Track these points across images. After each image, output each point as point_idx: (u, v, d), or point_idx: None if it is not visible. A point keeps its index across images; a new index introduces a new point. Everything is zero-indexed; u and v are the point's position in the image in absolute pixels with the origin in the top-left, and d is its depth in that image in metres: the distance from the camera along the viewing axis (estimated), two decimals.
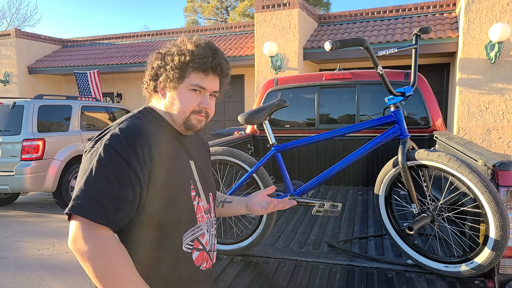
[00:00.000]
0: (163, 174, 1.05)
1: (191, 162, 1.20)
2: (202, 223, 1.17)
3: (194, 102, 1.13)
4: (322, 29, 9.98)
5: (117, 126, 1.04)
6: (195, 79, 1.11)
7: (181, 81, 1.11)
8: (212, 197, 1.28)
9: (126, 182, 0.98)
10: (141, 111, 1.15)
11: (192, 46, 1.11)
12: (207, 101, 1.14)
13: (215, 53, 1.12)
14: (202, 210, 1.18)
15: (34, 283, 3.50)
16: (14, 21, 24.53)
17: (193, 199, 1.15)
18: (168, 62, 1.11)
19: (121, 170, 0.97)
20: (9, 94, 11.67)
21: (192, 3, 23.93)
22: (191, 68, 1.10)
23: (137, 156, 0.99)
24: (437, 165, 1.81)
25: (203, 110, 1.15)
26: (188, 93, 1.12)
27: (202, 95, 1.14)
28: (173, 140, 1.15)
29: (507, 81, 7.05)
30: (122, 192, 0.97)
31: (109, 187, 0.96)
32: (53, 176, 5.80)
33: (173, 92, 1.13)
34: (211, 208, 1.25)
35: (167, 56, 1.12)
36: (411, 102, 3.46)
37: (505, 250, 1.66)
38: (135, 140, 1.01)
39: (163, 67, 1.12)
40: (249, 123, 2.29)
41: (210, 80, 1.13)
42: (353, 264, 2.03)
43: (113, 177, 0.97)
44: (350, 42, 1.87)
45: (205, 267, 1.19)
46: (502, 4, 6.98)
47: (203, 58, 1.10)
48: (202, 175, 1.23)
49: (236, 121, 10.25)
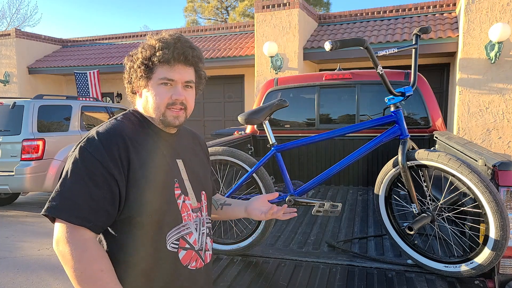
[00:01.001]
0: (142, 173, 1.06)
1: (179, 161, 1.20)
2: (189, 222, 1.16)
3: (166, 95, 1.12)
4: (322, 29, 9.98)
5: (95, 129, 1.07)
6: (162, 72, 1.11)
7: (150, 77, 1.12)
8: (205, 195, 1.26)
9: (101, 182, 0.99)
10: (125, 113, 1.18)
11: (154, 41, 1.12)
12: (179, 92, 1.13)
13: (177, 43, 1.12)
14: (189, 209, 1.17)
15: (34, 283, 3.49)
16: (14, 21, 24.55)
17: (177, 197, 1.14)
18: (135, 61, 1.13)
19: (95, 171, 0.99)
20: (9, 94, 11.67)
21: (192, 3, 23.93)
22: (156, 63, 1.11)
23: (112, 157, 1.01)
24: (437, 165, 1.81)
25: (177, 102, 1.13)
26: (159, 87, 1.12)
27: (174, 87, 1.13)
28: (157, 139, 1.16)
29: (507, 81, 7.05)
30: (97, 192, 0.99)
31: (83, 187, 0.98)
32: (53, 176, 5.80)
33: (145, 90, 1.14)
34: (203, 207, 1.24)
35: (133, 56, 1.14)
36: (411, 102, 3.46)
37: (505, 250, 1.66)
38: (110, 141, 1.03)
39: (132, 68, 1.14)
40: (249, 123, 2.29)
41: (178, 71, 1.13)
42: (353, 264, 2.03)
43: (88, 178, 0.99)
44: (350, 42, 1.87)
45: (195, 266, 1.17)
46: (502, 4, 6.98)
47: (163, 49, 1.10)
48: (192, 174, 1.22)
49: (236, 121, 10.25)
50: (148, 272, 1.08)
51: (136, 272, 1.07)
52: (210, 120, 11.41)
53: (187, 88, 1.16)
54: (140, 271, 1.07)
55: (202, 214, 1.23)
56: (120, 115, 1.16)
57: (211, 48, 10.44)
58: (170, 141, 1.20)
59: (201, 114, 11.51)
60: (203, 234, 1.22)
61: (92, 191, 0.99)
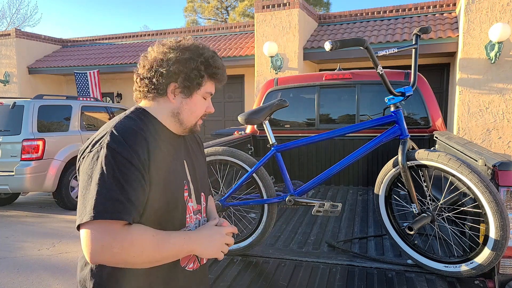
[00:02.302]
0: (161, 175, 1.06)
1: (184, 162, 1.20)
2: (190, 224, 1.17)
3: (204, 107, 1.19)
4: (322, 29, 9.98)
5: (113, 128, 1.02)
6: (210, 87, 1.18)
7: (199, 88, 1.15)
8: (204, 197, 1.27)
9: (135, 184, 0.97)
10: (134, 111, 1.13)
11: (209, 53, 1.15)
12: (212, 105, 1.22)
13: (224, 65, 1.20)
14: (191, 211, 1.18)
15: (34, 283, 3.49)
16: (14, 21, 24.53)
17: (185, 200, 1.14)
18: (192, 69, 1.10)
19: (128, 172, 0.97)
20: (9, 94, 11.67)
21: (192, 3, 23.93)
22: (208, 77, 1.15)
23: (139, 157, 0.99)
24: (437, 165, 1.81)
25: (207, 113, 1.21)
26: (201, 100, 1.17)
27: (208, 100, 1.20)
28: (166, 141, 1.15)
29: (507, 81, 7.05)
30: (133, 193, 0.97)
31: (122, 189, 0.95)
32: (53, 176, 5.80)
33: (189, 98, 1.14)
34: (202, 209, 1.25)
35: (189, 62, 1.10)
36: (411, 102, 3.46)
37: (505, 250, 1.66)
38: (135, 140, 1.01)
39: (184, 73, 1.10)
40: (249, 123, 2.29)
41: (215, 87, 1.21)
42: (353, 264, 2.03)
43: (124, 180, 0.96)
44: (350, 42, 1.87)
45: (192, 267, 1.18)
46: (502, 4, 6.98)
47: (220, 69, 1.16)
48: (194, 175, 1.23)
49: (236, 121, 10.25)
50: (148, 273, 1.08)
51: (136, 272, 1.07)
52: (210, 120, 11.41)
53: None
54: (140, 272, 1.07)
55: (201, 216, 1.24)
56: (130, 113, 1.12)
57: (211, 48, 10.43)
58: (176, 142, 1.20)
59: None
60: None
61: (129, 192, 0.96)
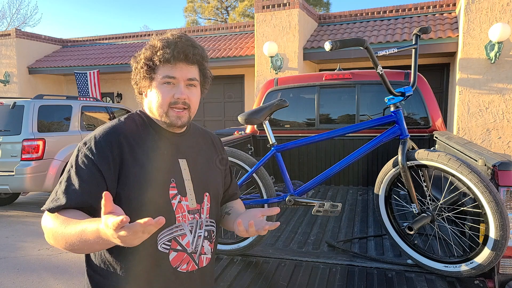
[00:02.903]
0: (134, 172, 1.08)
1: (182, 160, 1.18)
2: (183, 223, 1.14)
3: (168, 94, 1.12)
4: (322, 29, 9.98)
5: (96, 130, 1.13)
6: (163, 71, 1.12)
7: (152, 77, 1.14)
8: (208, 197, 1.23)
9: (88, 177, 1.05)
10: (130, 113, 1.21)
11: (156, 41, 1.14)
12: (181, 90, 1.12)
13: (178, 42, 1.12)
14: (185, 210, 1.15)
15: (34, 283, 3.50)
16: (14, 21, 24.57)
17: (171, 197, 1.12)
18: (138, 62, 1.15)
19: (84, 166, 1.06)
20: (9, 94, 11.68)
21: (192, 3, 23.93)
22: (158, 62, 1.12)
23: (103, 154, 1.06)
24: (437, 165, 1.81)
25: (179, 101, 1.12)
26: (161, 87, 1.13)
27: (176, 86, 1.13)
28: (158, 139, 1.16)
29: (507, 81, 7.05)
30: (83, 185, 1.04)
31: (71, 183, 1.05)
32: (53, 176, 5.80)
33: (149, 90, 1.16)
34: (203, 209, 1.20)
35: (137, 56, 1.17)
36: (411, 102, 3.46)
37: (505, 250, 1.66)
38: (104, 140, 1.08)
39: (136, 69, 1.16)
40: (249, 123, 2.29)
41: (180, 69, 1.12)
42: (353, 264, 2.03)
43: (75, 173, 1.06)
44: (350, 42, 1.87)
45: (185, 269, 1.15)
46: (502, 4, 6.98)
47: (165, 48, 1.11)
48: (196, 174, 1.20)
49: (236, 121, 10.25)
50: (135, 270, 1.08)
51: (123, 269, 1.07)
52: (210, 120, 11.42)
53: (190, 87, 1.15)
54: (127, 269, 1.08)
55: (201, 216, 1.19)
56: (125, 115, 1.19)
57: (211, 48, 10.44)
58: (173, 140, 1.19)
59: (201, 114, 11.51)
60: (199, 237, 1.18)
61: (77, 184, 1.04)
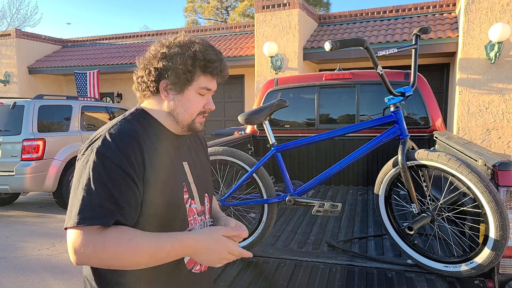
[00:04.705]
0: (156, 178, 1.05)
1: (185, 163, 1.18)
2: (194, 226, 1.15)
3: (201, 104, 1.14)
4: (322, 29, 9.98)
5: (107, 132, 1.03)
6: (204, 82, 1.12)
7: (190, 83, 1.10)
8: (207, 198, 1.25)
9: (124, 188, 0.97)
10: (133, 113, 1.13)
11: (200, 47, 1.09)
12: (212, 102, 1.17)
13: (221, 58, 1.14)
14: (195, 213, 1.16)
15: (34, 283, 3.50)
16: (14, 21, 24.57)
17: (185, 202, 1.13)
18: (178, 64, 1.07)
19: (117, 177, 0.97)
20: (9, 94, 11.68)
21: (192, 3, 23.93)
22: (200, 71, 1.10)
23: (130, 162, 0.99)
24: (437, 165, 1.81)
25: (208, 111, 1.17)
26: (196, 95, 1.12)
27: (207, 97, 1.15)
28: (166, 142, 1.14)
29: (507, 81, 7.05)
30: (121, 198, 0.97)
31: (108, 194, 0.95)
32: (53, 176, 5.80)
33: (180, 94, 1.11)
34: (206, 210, 1.23)
35: (176, 57, 1.08)
36: (411, 102, 3.46)
37: (505, 250, 1.66)
38: (127, 145, 1.01)
39: (171, 69, 1.08)
40: (249, 123, 2.29)
41: (215, 82, 1.16)
42: (353, 264, 2.03)
43: (111, 185, 0.96)
44: (350, 42, 1.87)
45: (198, 269, 1.17)
46: (502, 4, 6.98)
47: (213, 62, 1.10)
48: (196, 176, 1.21)
49: (236, 121, 10.25)
50: (151, 275, 1.08)
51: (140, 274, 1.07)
52: (210, 120, 11.41)
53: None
54: (144, 274, 1.07)
55: (205, 217, 1.22)
56: (129, 115, 1.12)
57: None
58: (175, 143, 1.18)
59: None
60: None
61: (117, 196, 0.96)
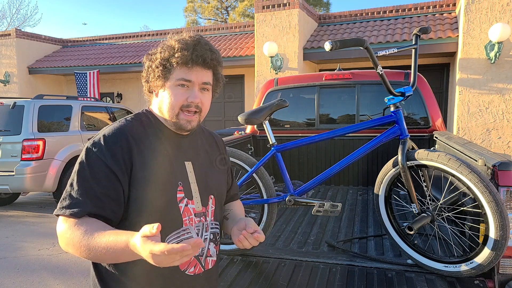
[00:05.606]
0: (143, 174, 1.07)
1: (188, 163, 1.18)
2: (190, 226, 1.14)
3: (182, 97, 1.11)
4: (322, 29, 9.98)
5: (103, 130, 1.10)
6: (180, 73, 1.10)
7: (167, 78, 1.12)
8: (213, 200, 1.23)
9: (104, 181, 1.03)
10: (137, 113, 1.20)
11: (174, 42, 1.12)
12: (195, 94, 1.12)
13: (197, 45, 1.11)
14: (192, 213, 1.15)
15: (35, 283, 3.50)
16: (14, 21, 24.56)
17: (179, 201, 1.12)
18: (153, 61, 1.13)
19: (98, 170, 1.04)
20: (9, 94, 11.68)
21: (192, 3, 23.93)
22: (175, 64, 1.10)
23: (115, 157, 1.04)
24: (437, 165, 1.81)
25: (192, 104, 1.12)
26: (175, 89, 1.11)
27: (190, 89, 1.12)
28: (165, 141, 1.15)
29: (507, 81, 7.05)
30: (100, 190, 1.02)
31: (88, 186, 1.03)
32: (53, 176, 5.80)
33: (162, 90, 1.14)
34: (208, 212, 1.21)
35: (153, 55, 1.15)
36: (411, 102, 3.46)
37: (505, 250, 1.66)
38: (114, 142, 1.06)
39: (150, 67, 1.14)
40: (249, 123, 2.29)
41: (196, 72, 1.11)
42: (353, 264, 2.03)
43: (91, 177, 1.03)
44: (350, 42, 1.87)
45: (193, 272, 1.16)
46: (502, 4, 6.98)
47: (183, 51, 1.10)
48: (201, 177, 1.20)
49: (236, 121, 10.25)
50: (144, 274, 1.08)
51: (132, 274, 1.07)
52: (210, 120, 11.41)
53: (204, 91, 1.15)
54: (136, 274, 1.07)
55: (206, 219, 1.20)
56: (132, 115, 1.18)
57: None
58: (179, 142, 1.18)
59: None
60: (205, 239, 1.19)
61: (95, 188, 1.02)
